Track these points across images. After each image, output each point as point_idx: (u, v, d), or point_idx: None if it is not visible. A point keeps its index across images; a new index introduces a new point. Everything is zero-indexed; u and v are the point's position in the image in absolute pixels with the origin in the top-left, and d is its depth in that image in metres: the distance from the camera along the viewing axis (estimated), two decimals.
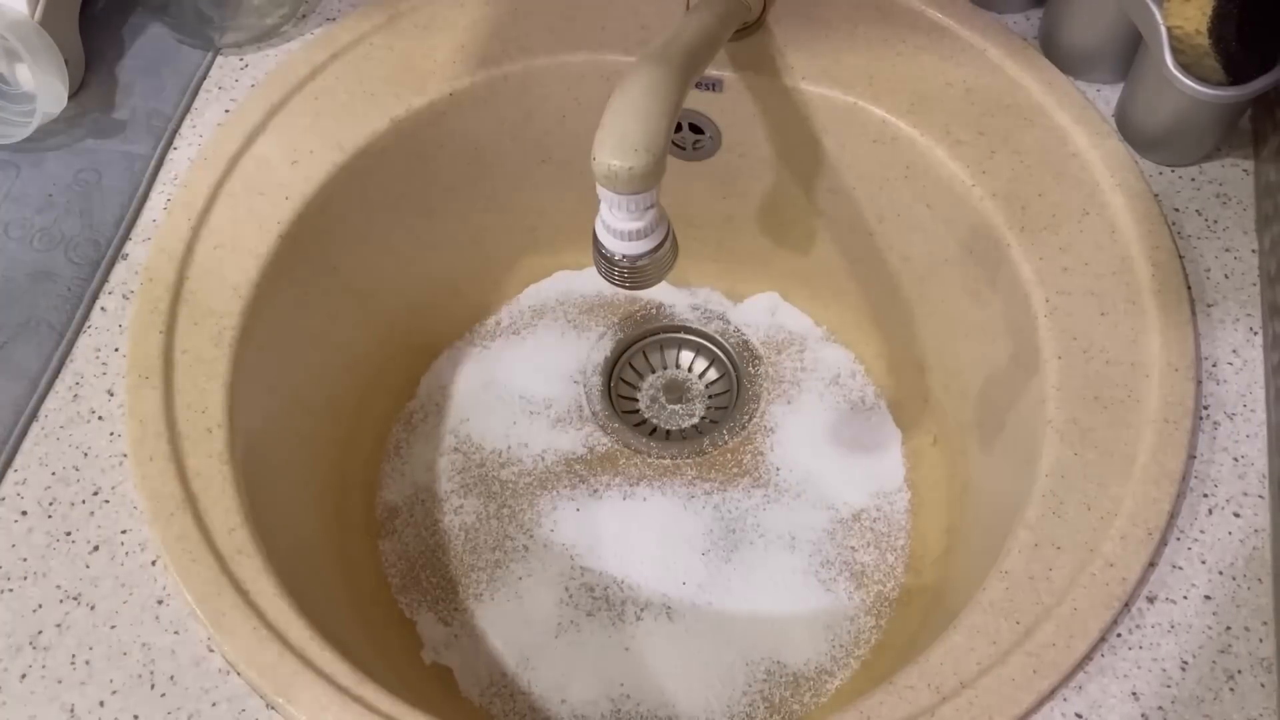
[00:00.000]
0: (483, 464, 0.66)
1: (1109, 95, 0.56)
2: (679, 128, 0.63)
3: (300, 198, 0.55)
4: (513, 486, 0.65)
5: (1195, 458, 0.47)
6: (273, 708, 0.43)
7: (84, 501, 0.48)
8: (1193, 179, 0.54)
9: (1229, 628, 0.43)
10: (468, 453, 0.67)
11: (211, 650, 0.44)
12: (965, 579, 0.53)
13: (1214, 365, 0.49)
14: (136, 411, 0.49)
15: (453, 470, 0.66)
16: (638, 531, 0.63)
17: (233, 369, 0.51)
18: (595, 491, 0.65)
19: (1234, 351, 0.49)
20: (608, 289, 0.71)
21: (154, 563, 0.46)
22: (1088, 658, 0.43)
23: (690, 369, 0.71)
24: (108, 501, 0.48)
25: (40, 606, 0.45)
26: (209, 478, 0.48)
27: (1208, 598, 0.44)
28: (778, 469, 0.65)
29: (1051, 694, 0.42)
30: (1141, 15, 0.51)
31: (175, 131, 0.58)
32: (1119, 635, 0.43)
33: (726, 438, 0.67)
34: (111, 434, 0.49)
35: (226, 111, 0.59)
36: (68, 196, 0.56)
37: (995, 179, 0.54)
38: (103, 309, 0.53)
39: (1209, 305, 0.51)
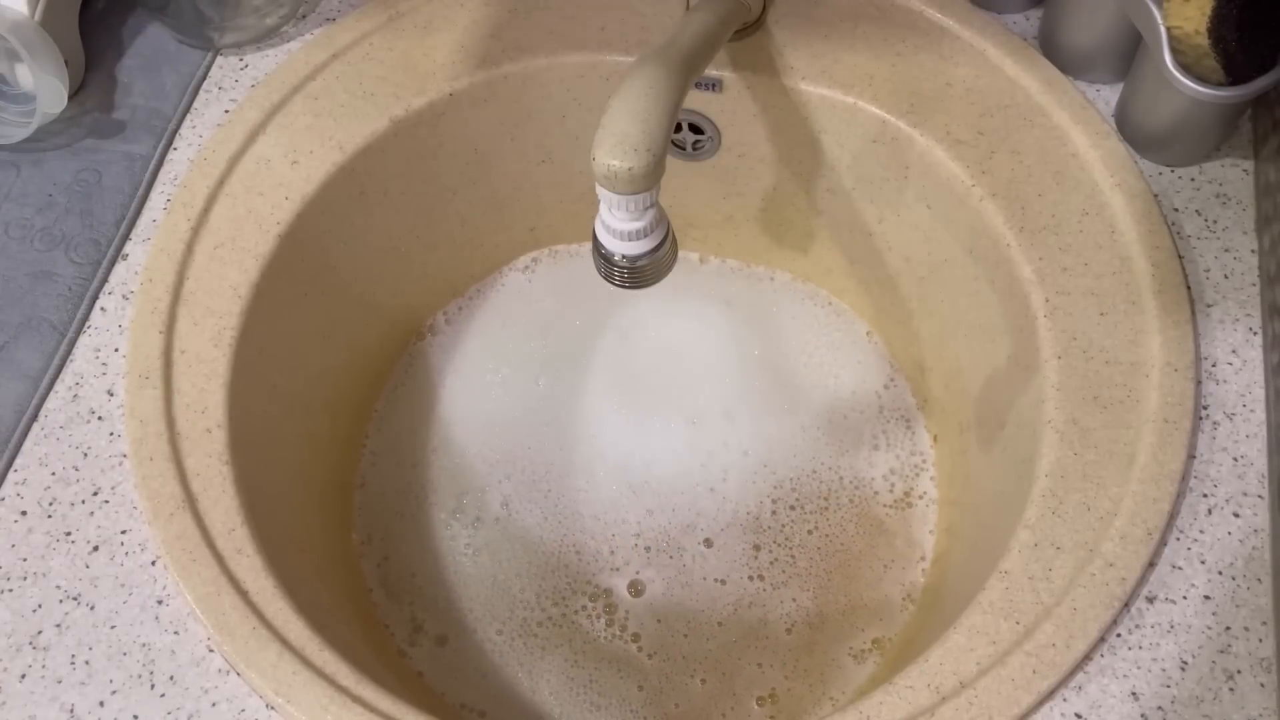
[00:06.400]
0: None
1: (1108, 95, 0.57)
2: (679, 128, 0.63)
3: (300, 198, 0.55)
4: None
5: (1195, 458, 0.47)
6: (272, 708, 0.43)
7: (84, 501, 0.48)
8: (1192, 179, 0.54)
9: (1228, 628, 0.43)
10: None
11: (211, 650, 0.44)
12: (965, 579, 0.53)
13: (1213, 365, 0.49)
14: (136, 411, 0.49)
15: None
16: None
17: (233, 369, 0.51)
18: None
19: (1233, 351, 0.50)
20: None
21: (154, 563, 0.46)
22: (1087, 658, 0.43)
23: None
24: (107, 501, 0.48)
25: (40, 606, 0.45)
26: (209, 478, 0.48)
27: (1207, 598, 0.44)
28: None
29: (1051, 694, 0.42)
30: (1141, 15, 0.51)
31: (175, 131, 0.58)
32: (1118, 635, 0.43)
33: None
34: (111, 434, 0.49)
35: (226, 112, 0.59)
36: (68, 196, 0.56)
37: (995, 179, 0.54)
38: (103, 309, 0.53)
39: (1209, 305, 0.51)
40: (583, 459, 0.66)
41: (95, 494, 0.48)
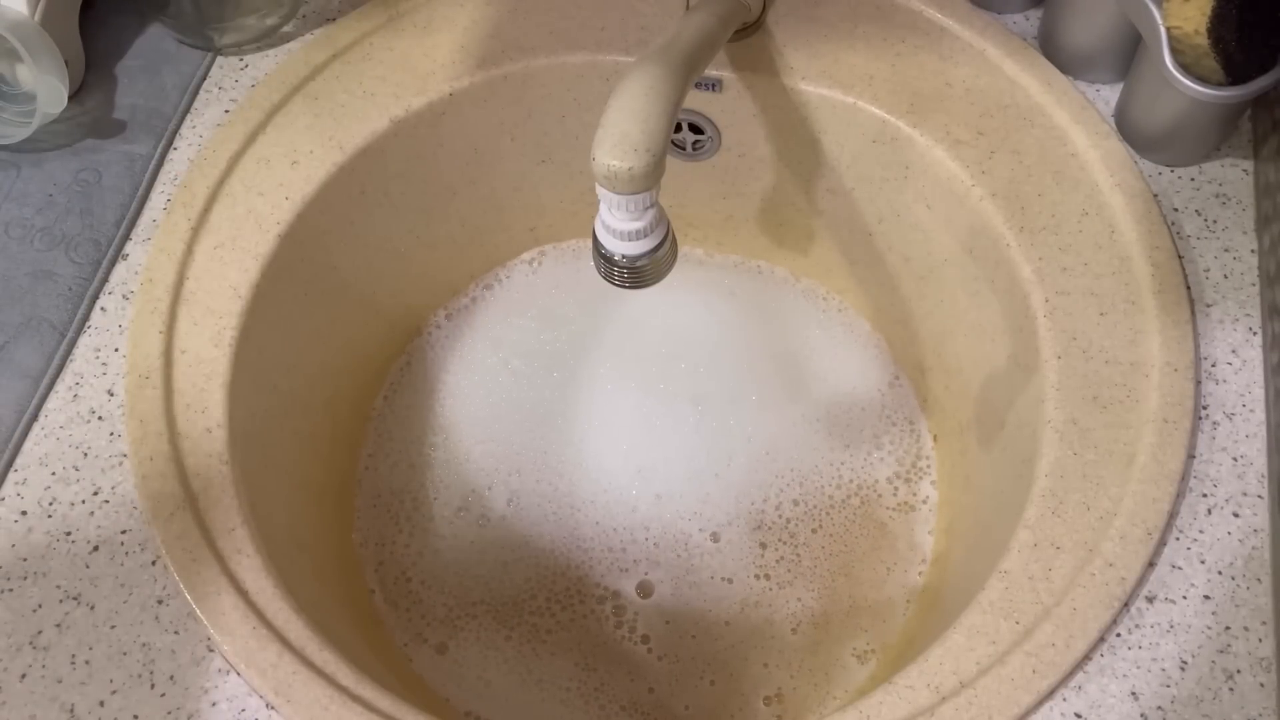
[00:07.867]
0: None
1: (1108, 95, 0.57)
2: (679, 128, 0.63)
3: (300, 198, 0.55)
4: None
5: (1194, 458, 0.47)
6: (272, 708, 0.43)
7: (84, 501, 0.48)
8: (1192, 179, 0.54)
9: (1228, 627, 0.43)
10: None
11: (211, 650, 0.44)
12: (965, 579, 0.53)
13: (1213, 365, 0.49)
14: (136, 411, 0.49)
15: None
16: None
17: (233, 369, 0.51)
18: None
19: (1233, 351, 0.50)
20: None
21: (154, 563, 0.46)
22: (1087, 658, 0.43)
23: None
24: (108, 501, 0.48)
25: (40, 606, 0.45)
26: (209, 478, 0.48)
27: (1207, 597, 0.44)
28: None
29: (1051, 694, 0.42)
30: (1140, 15, 0.51)
31: (175, 131, 0.58)
32: (1118, 635, 0.43)
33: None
34: (111, 434, 0.49)
35: (226, 111, 0.59)
36: (68, 196, 0.56)
37: (994, 179, 0.54)
38: (103, 309, 0.53)
39: (1208, 305, 0.51)
40: (589, 451, 0.66)
41: (95, 494, 0.48)
